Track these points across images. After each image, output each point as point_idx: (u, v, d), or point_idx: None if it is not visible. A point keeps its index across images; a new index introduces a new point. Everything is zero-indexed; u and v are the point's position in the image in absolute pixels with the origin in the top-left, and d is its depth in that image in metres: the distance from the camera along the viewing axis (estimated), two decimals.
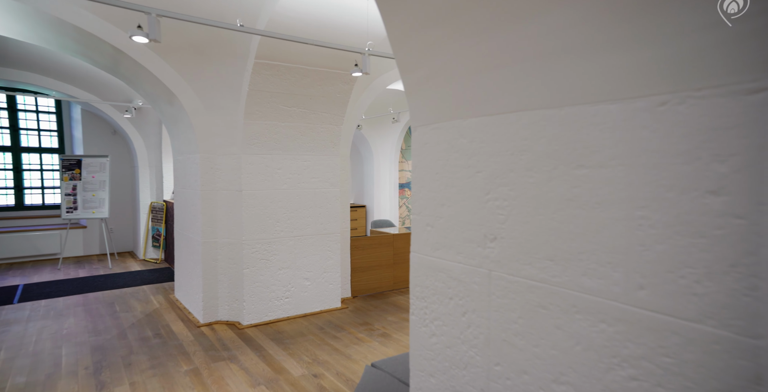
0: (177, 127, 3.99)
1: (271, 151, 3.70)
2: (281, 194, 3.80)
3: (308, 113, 3.80)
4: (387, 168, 9.83)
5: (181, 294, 4.32)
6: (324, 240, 4.11)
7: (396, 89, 6.36)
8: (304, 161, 3.91)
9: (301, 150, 3.87)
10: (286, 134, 3.75)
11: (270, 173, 3.72)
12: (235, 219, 3.67)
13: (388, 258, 4.92)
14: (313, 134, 3.91)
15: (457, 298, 1.20)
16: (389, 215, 9.95)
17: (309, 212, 3.97)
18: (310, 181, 3.96)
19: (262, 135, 3.62)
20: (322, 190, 4.04)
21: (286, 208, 3.83)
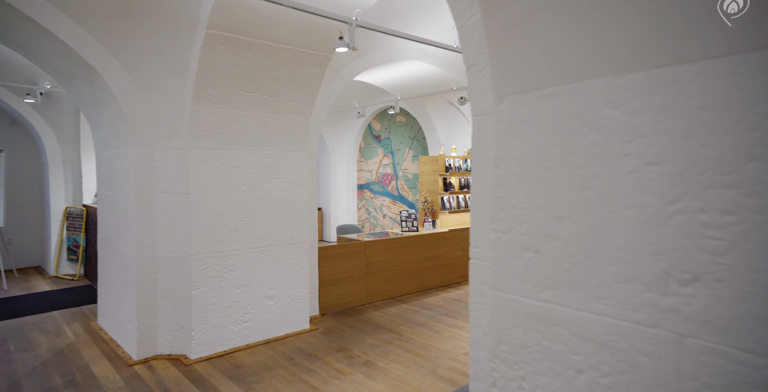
0: (101, 114, 3.22)
1: (226, 146, 3.06)
2: (239, 197, 3.18)
3: (272, 101, 3.21)
4: (345, 168, 9.31)
5: (107, 322, 3.52)
6: (290, 251, 3.53)
7: (362, 81, 5.88)
8: (267, 158, 3.32)
9: (263, 144, 3.27)
10: (246, 125, 3.14)
11: (225, 172, 3.08)
12: (181, 229, 3.00)
13: (359, 268, 4.43)
14: (278, 126, 3.33)
15: (597, 373, 0.76)
16: (347, 218, 9.43)
17: (273, 218, 3.38)
18: (273, 181, 3.37)
19: (216, 125, 2.98)
20: (288, 193, 3.47)
21: (245, 214, 3.21)
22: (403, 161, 8.15)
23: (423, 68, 5.18)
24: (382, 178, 8.67)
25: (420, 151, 7.73)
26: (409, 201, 8.08)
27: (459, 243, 5.45)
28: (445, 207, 5.44)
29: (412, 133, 7.88)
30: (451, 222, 5.64)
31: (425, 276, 5.07)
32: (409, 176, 8.04)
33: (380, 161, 8.69)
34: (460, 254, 5.45)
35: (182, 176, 2.97)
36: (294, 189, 3.51)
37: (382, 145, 8.61)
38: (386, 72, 5.38)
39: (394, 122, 8.24)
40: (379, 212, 8.77)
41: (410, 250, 4.89)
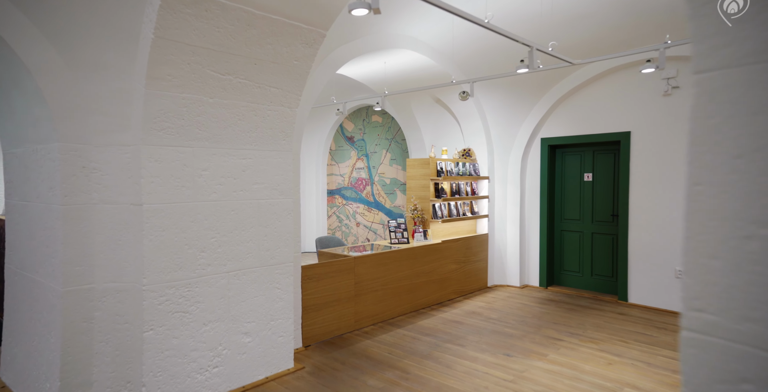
0: (9, 97, 2.44)
1: (192, 142, 2.40)
2: (209, 208, 2.51)
3: (251, 86, 2.58)
4: (314, 172, 8.65)
5: (14, 378, 2.69)
6: (271, 273, 2.89)
7: (342, 74, 5.31)
8: (244, 158, 2.67)
9: (239, 141, 2.63)
10: (217, 116, 2.48)
11: (191, 176, 2.41)
12: (129, 251, 2.29)
13: (348, 289, 3.84)
14: (257, 119, 2.69)
15: None
16: (316, 226, 8.76)
17: (250, 234, 2.73)
18: (251, 188, 2.73)
19: (178, 115, 2.31)
20: (268, 201, 2.83)
21: (216, 230, 2.55)
22: (379, 165, 7.63)
23: (413, 60, 4.70)
24: (356, 183, 8.10)
25: (399, 154, 7.25)
26: (386, 208, 7.57)
27: (452, 255, 5.00)
28: (437, 216, 4.98)
29: (390, 134, 7.39)
30: (442, 232, 5.19)
31: (418, 294, 4.56)
32: (386, 181, 7.53)
33: (353, 165, 8.12)
34: (453, 268, 5.00)
35: (132, 182, 2.27)
36: (276, 196, 2.88)
37: (355, 147, 8.06)
38: (371, 63, 4.86)
39: (370, 122, 7.71)
40: (352, 220, 8.19)
41: (402, 265, 4.37)
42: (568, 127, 5.11)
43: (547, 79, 4.91)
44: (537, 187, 5.46)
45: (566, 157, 5.32)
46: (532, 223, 5.54)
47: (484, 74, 4.69)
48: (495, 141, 5.57)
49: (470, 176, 5.35)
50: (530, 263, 5.58)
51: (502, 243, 5.64)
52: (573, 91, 4.94)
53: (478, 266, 5.41)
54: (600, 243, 5.05)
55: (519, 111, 5.33)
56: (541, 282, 5.45)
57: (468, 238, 5.22)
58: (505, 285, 5.61)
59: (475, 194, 5.51)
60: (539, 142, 5.39)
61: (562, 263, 5.43)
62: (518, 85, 5.06)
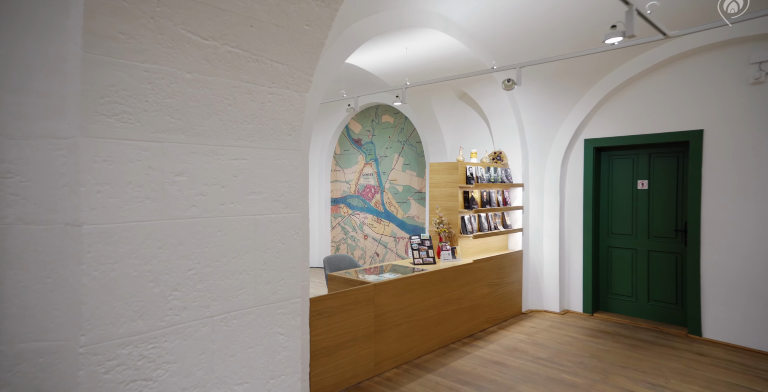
0: None
1: (161, 135, 1.70)
2: (186, 229, 1.80)
3: (246, 59, 1.89)
4: (316, 178, 7.96)
5: None
6: (272, 314, 2.17)
7: (353, 65, 4.65)
8: (236, 159, 1.97)
9: (229, 135, 1.92)
10: (199, 100, 1.79)
11: (159, 183, 1.71)
12: (61, 294, 1.58)
13: (366, 325, 3.12)
14: (254, 105, 1.99)
15: None
16: (319, 238, 8.05)
17: (244, 262, 2.02)
18: (246, 199, 2.02)
19: (139, 96, 1.62)
20: (270, 217, 2.12)
21: (195, 258, 1.83)
22: (390, 170, 6.95)
23: (439, 46, 4.04)
24: (363, 191, 7.41)
25: (413, 158, 6.57)
26: (398, 219, 6.87)
27: (485, 277, 4.29)
28: (466, 230, 4.28)
29: (403, 136, 6.72)
30: (472, 249, 4.49)
31: (447, 325, 3.84)
32: (398, 188, 6.85)
33: (361, 170, 7.44)
34: (485, 292, 4.29)
35: (67, 191, 1.57)
36: (279, 210, 2.17)
37: (363, 151, 7.38)
38: (390, 50, 4.19)
39: (380, 123, 7.05)
40: (359, 232, 7.48)
41: (430, 292, 3.66)
42: (619, 126, 4.44)
43: (597, 67, 4.24)
44: (579, 196, 4.77)
45: (615, 162, 4.64)
46: (573, 238, 4.84)
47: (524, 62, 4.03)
48: (530, 142, 4.90)
49: (502, 183, 4.66)
50: (571, 285, 4.87)
51: (538, 261, 4.93)
52: (628, 82, 4.27)
53: (512, 289, 4.70)
54: (659, 263, 4.35)
55: (559, 107, 4.66)
56: (586, 307, 4.74)
57: (501, 257, 4.52)
58: (542, 311, 4.90)
59: (507, 204, 4.82)
60: (582, 143, 4.72)
61: (610, 285, 4.72)
62: (560, 77, 4.40)
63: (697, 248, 3.92)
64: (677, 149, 4.18)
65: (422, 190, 6.46)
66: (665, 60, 3.95)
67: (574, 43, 3.90)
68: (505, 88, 3.40)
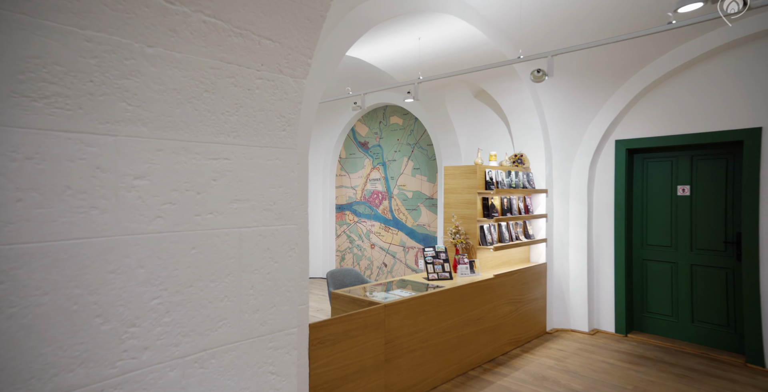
0: None
1: (112, 126, 1.33)
2: (147, 246, 1.43)
3: (227, 32, 1.53)
4: (320, 183, 7.61)
5: None
6: (261, 349, 1.79)
7: (359, 59, 4.31)
8: (215, 158, 1.60)
9: (207, 129, 1.55)
10: (164, 82, 1.42)
11: (111, 188, 1.34)
12: None
13: (376, 352, 2.73)
14: (238, 92, 1.63)
15: None
16: (322, 248, 7.67)
17: (226, 287, 1.64)
18: (229, 208, 1.65)
19: (78, 73, 1.25)
20: (259, 230, 1.74)
21: (161, 284, 1.46)
22: (399, 175, 6.59)
23: (456, 37, 3.68)
24: (370, 197, 7.05)
25: (423, 162, 6.20)
26: (408, 228, 6.48)
27: (507, 293, 3.88)
28: (485, 241, 3.88)
29: (412, 138, 6.36)
30: (491, 262, 4.08)
31: (466, 349, 3.44)
32: (407, 194, 6.47)
33: (367, 175, 7.08)
34: (507, 310, 3.88)
35: None
36: (271, 222, 1.79)
37: (370, 155, 7.02)
38: (401, 41, 3.84)
39: (388, 125, 6.70)
40: (366, 240, 7.11)
41: (447, 312, 3.26)
42: (655, 126, 4.04)
43: (633, 59, 3.84)
44: (609, 203, 4.36)
45: (650, 165, 4.23)
46: (602, 250, 4.42)
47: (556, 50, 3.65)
48: (555, 144, 4.50)
49: (524, 189, 4.26)
50: (601, 301, 4.44)
51: (564, 274, 4.52)
52: (668, 75, 3.86)
53: (536, 306, 4.28)
54: (706, 279, 3.91)
55: (588, 105, 4.27)
56: (618, 327, 4.30)
57: (524, 270, 4.11)
58: (569, 330, 4.47)
59: (529, 212, 4.42)
60: (613, 145, 4.32)
61: (646, 303, 4.28)
62: (590, 71, 4.02)
63: (755, 263, 3.48)
64: (727, 150, 3.76)
65: (433, 196, 6.07)
66: (715, 49, 3.54)
67: (606, 31, 3.53)
68: (534, 79, 3.02)
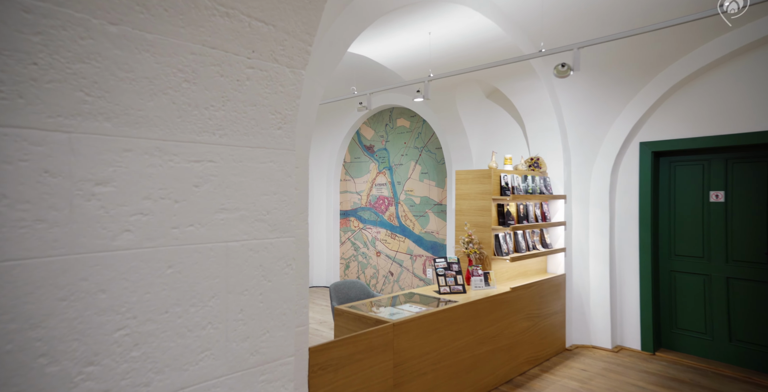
0: None
1: (65, 120, 1.10)
2: (109, 266, 1.19)
3: (209, 9, 1.30)
4: (323, 188, 7.40)
5: None
6: (251, 385, 1.52)
7: (364, 56, 4.09)
8: (197, 160, 1.35)
9: (185, 126, 1.31)
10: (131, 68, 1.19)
11: (65, 196, 1.11)
12: None
13: (384, 376, 2.48)
14: (226, 83, 1.39)
15: None
16: (326, 255, 7.44)
17: (208, 312, 1.40)
18: (212, 219, 1.41)
19: (15, 51, 1.04)
20: (249, 245, 1.50)
21: (126, 311, 1.23)
22: (406, 180, 6.35)
23: (468, 31, 3.46)
24: (376, 203, 6.81)
25: (431, 166, 5.97)
26: (415, 235, 6.24)
27: (525, 308, 3.62)
28: (501, 252, 3.63)
29: (420, 141, 6.13)
30: (507, 273, 3.83)
31: (482, 370, 3.17)
32: (414, 200, 6.23)
33: (373, 180, 6.85)
34: (525, 326, 3.61)
35: None
36: (264, 234, 1.55)
37: (376, 159, 6.80)
38: (410, 37, 3.62)
39: (394, 128, 6.48)
40: (371, 248, 6.86)
41: (460, 330, 3.00)
42: (685, 126, 3.78)
43: (662, 54, 3.58)
44: (633, 210, 4.10)
45: (679, 169, 3.97)
46: (625, 260, 4.15)
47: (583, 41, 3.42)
48: (573, 147, 4.25)
49: (541, 195, 4.01)
50: (624, 316, 4.16)
51: (583, 286, 4.25)
52: (701, 71, 3.59)
53: (554, 321, 4.01)
54: (745, 293, 3.63)
55: (610, 104, 4.02)
56: (645, 344, 4.02)
57: (542, 283, 3.85)
58: (590, 347, 4.19)
59: (546, 219, 4.16)
60: (637, 147, 4.06)
61: (675, 318, 4.00)
62: (613, 67, 3.77)
63: None
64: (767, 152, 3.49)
65: (442, 202, 5.83)
66: (754, 42, 3.29)
67: (634, 23, 3.29)
68: (558, 74, 2.78)
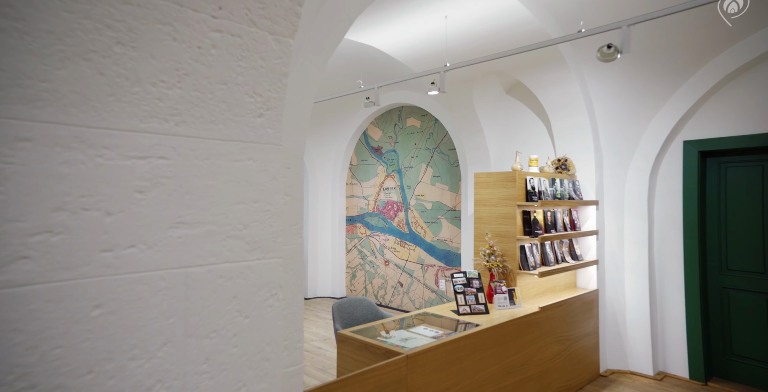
0: None
1: None
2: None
3: None
4: (329, 193, 7.04)
5: None
6: None
7: (372, 46, 3.74)
8: (140, 157, 0.96)
9: (121, 108, 0.93)
10: (25, 18, 0.83)
11: None
12: None
13: None
14: (181, 49, 0.99)
15: None
16: (331, 264, 7.07)
17: (155, 365, 1.01)
18: (164, 237, 1.00)
19: None
20: (217, 270, 1.09)
21: (18, 376, 0.86)
22: (416, 184, 5.98)
23: (491, 12, 3.09)
24: (384, 208, 6.44)
25: (444, 169, 5.59)
26: (427, 243, 5.85)
27: (555, 330, 3.21)
28: (527, 265, 3.23)
29: (432, 142, 5.76)
30: (533, 290, 3.42)
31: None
32: (426, 205, 5.85)
33: (381, 184, 6.48)
34: (555, 351, 3.20)
35: None
36: (241, 255, 1.12)
37: (384, 161, 6.44)
38: (424, 21, 3.26)
39: (404, 128, 6.11)
40: (379, 256, 6.48)
41: (484, 358, 2.60)
42: (740, 122, 3.36)
43: (715, 38, 3.16)
44: (676, 217, 3.67)
45: (731, 171, 3.54)
46: (667, 274, 3.73)
47: (635, 17, 3.02)
48: (606, 147, 3.85)
49: (570, 200, 3.61)
50: (667, 338, 3.73)
51: (618, 304, 3.82)
52: (761, 59, 3.17)
53: (587, 343, 3.59)
54: None
55: (649, 98, 3.62)
56: (694, 372, 3.57)
57: (573, 300, 3.43)
58: (627, 372, 3.75)
59: (576, 228, 3.75)
60: (681, 146, 3.64)
61: (730, 342, 3.55)
62: (654, 54, 3.37)
63: None
64: None
65: (456, 208, 5.44)
66: None
67: None
68: (602, 58, 2.40)
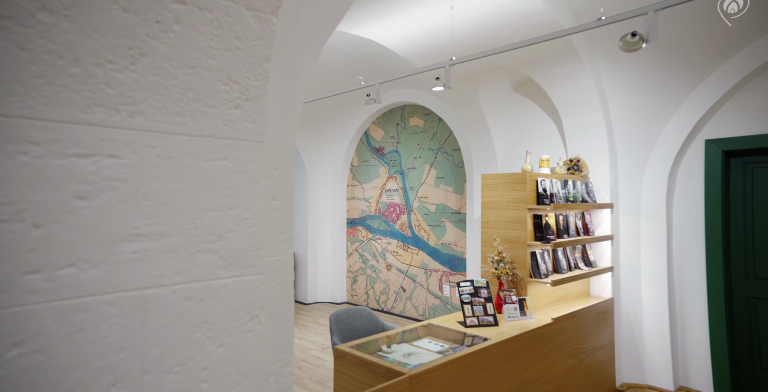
0: None
1: None
2: None
3: None
4: (329, 195, 6.86)
5: None
6: None
7: (372, 40, 3.56)
8: (83, 155, 0.76)
9: (61, 95, 0.74)
10: None
11: None
12: None
13: None
14: (137, 26, 0.80)
15: None
16: (332, 268, 6.89)
17: None
18: (114, 254, 0.79)
19: None
20: (185, 291, 0.88)
21: None
22: (420, 185, 5.79)
23: (498, 2, 2.91)
24: (386, 210, 6.26)
25: (449, 170, 5.40)
26: (430, 246, 5.66)
27: (569, 342, 3.01)
28: (538, 273, 3.04)
29: (436, 142, 5.57)
30: (545, 299, 3.23)
31: None
32: (429, 208, 5.66)
33: (383, 185, 6.30)
34: (570, 364, 3.00)
35: None
36: (214, 272, 0.92)
37: (386, 162, 6.26)
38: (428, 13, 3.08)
39: (406, 127, 5.93)
40: (381, 260, 6.30)
41: (494, 376, 2.41)
42: (767, 120, 3.16)
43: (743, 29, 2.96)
44: (698, 221, 3.47)
45: (758, 172, 3.34)
46: (687, 282, 3.52)
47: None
48: (621, 146, 3.66)
49: (583, 203, 3.41)
50: (688, 350, 3.53)
51: (635, 313, 3.62)
52: None
53: (602, 356, 3.39)
54: None
55: (668, 94, 3.43)
56: (719, 387, 3.36)
57: (587, 310, 3.24)
58: (645, 387, 3.55)
59: (589, 233, 3.56)
60: (702, 145, 3.45)
61: (759, 356, 3.34)
62: (675, 47, 3.18)
63: None
64: None
65: (461, 211, 5.25)
66: None
67: None
68: (625, 47, 2.21)
